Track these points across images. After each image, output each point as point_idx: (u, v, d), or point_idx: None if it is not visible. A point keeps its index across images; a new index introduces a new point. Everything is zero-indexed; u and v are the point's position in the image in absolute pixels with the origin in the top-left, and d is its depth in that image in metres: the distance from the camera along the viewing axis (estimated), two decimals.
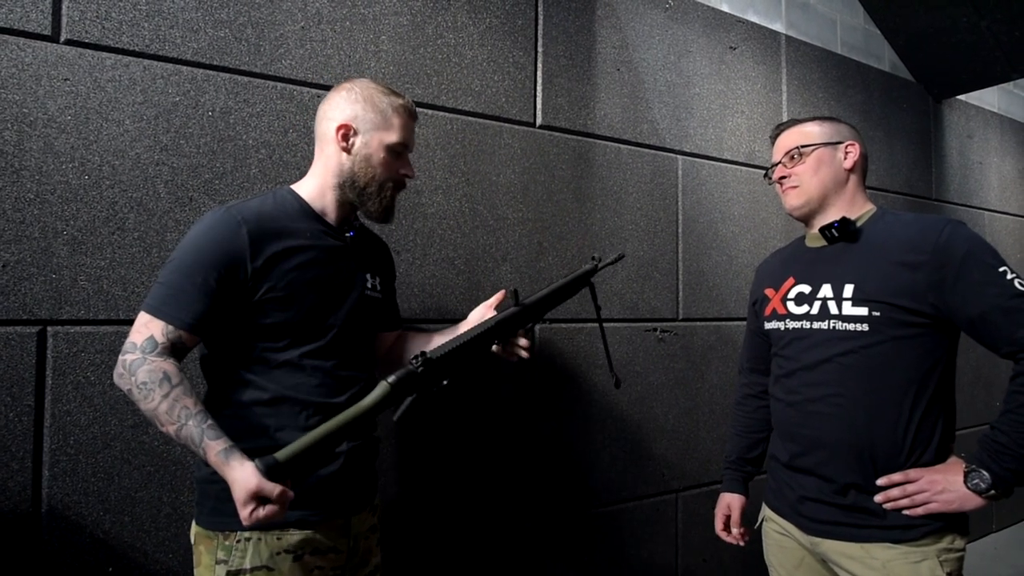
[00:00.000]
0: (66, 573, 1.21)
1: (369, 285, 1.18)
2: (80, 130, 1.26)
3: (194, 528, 1.05)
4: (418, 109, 1.63)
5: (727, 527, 1.39)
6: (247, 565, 0.98)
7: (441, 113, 1.68)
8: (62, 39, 1.26)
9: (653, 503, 2.01)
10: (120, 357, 0.97)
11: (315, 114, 1.17)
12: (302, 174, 1.31)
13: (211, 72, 1.39)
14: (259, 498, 0.86)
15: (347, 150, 1.11)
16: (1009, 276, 1.03)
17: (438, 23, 1.69)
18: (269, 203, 1.09)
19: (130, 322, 1.27)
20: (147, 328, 0.98)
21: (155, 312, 0.98)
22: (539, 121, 1.84)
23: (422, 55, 1.66)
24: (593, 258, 1.36)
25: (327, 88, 1.52)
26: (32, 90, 1.23)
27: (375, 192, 1.13)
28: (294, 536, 1.01)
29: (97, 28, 1.29)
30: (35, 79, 1.23)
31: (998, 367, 3.08)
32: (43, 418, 1.22)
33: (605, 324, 1.92)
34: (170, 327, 0.98)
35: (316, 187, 1.14)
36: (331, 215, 1.14)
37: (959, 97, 3.09)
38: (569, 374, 1.86)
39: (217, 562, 0.99)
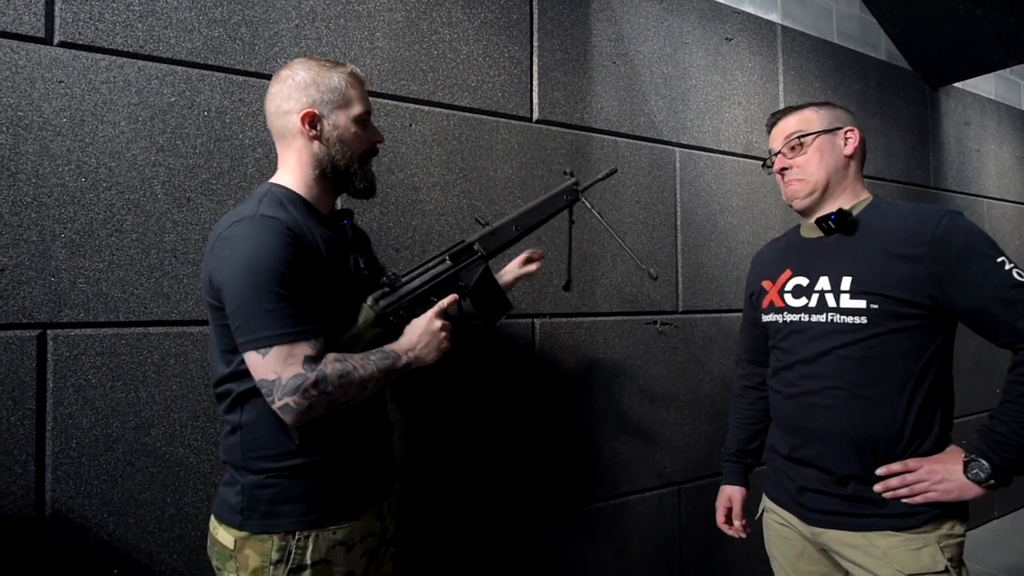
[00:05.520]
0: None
1: (362, 265, 1.20)
2: (76, 132, 1.26)
3: (232, 534, 1.01)
4: (414, 106, 1.64)
5: (728, 519, 1.40)
6: (308, 561, 1.00)
7: (437, 109, 1.67)
8: (55, 41, 1.25)
9: (655, 496, 2.02)
10: (292, 399, 0.93)
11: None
12: None
13: (206, 72, 1.39)
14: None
15: (317, 137, 1.08)
16: (1008, 266, 1.03)
17: (433, 19, 1.68)
18: (280, 204, 1.05)
19: (130, 323, 1.29)
20: (295, 356, 0.94)
21: (291, 338, 0.95)
22: (536, 116, 1.84)
23: (417, 51, 1.65)
24: (566, 173, 1.33)
25: None
26: (27, 93, 1.22)
27: (357, 169, 1.13)
28: (344, 528, 1.06)
29: (90, 29, 1.28)
30: (29, 82, 1.23)
31: (998, 355, 3.07)
32: (45, 422, 1.22)
33: (603, 317, 1.93)
34: (312, 341, 0.97)
35: (300, 181, 1.10)
36: (322, 207, 1.13)
37: (956, 85, 3.09)
38: (570, 368, 1.86)
39: (272, 563, 0.99)
